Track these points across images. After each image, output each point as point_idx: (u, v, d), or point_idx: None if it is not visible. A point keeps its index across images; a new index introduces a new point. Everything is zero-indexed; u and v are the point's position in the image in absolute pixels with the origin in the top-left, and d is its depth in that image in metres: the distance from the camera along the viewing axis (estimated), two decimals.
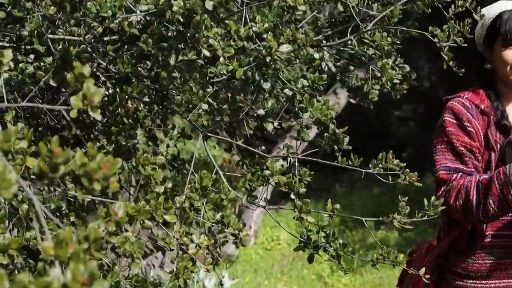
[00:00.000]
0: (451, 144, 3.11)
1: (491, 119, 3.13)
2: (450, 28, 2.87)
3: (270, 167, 2.82)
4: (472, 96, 3.19)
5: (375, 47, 2.87)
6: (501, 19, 3.11)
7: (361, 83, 3.14)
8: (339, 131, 2.77)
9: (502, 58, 3.10)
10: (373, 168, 2.77)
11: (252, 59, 2.90)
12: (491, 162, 3.11)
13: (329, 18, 3.26)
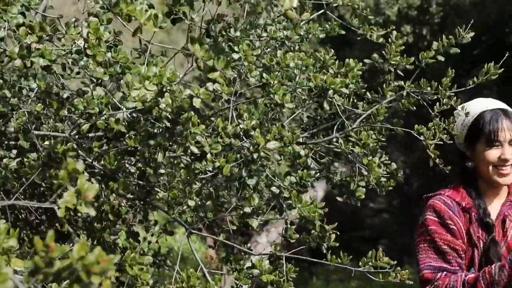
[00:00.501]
0: (434, 242, 3.11)
1: (473, 216, 3.14)
2: (435, 126, 2.90)
3: (258, 266, 2.78)
4: (453, 193, 3.20)
5: (361, 145, 2.89)
6: (484, 119, 3.13)
7: (347, 180, 3.14)
8: (329, 227, 2.75)
9: (485, 158, 3.12)
10: (363, 266, 2.74)
11: (239, 156, 2.90)
12: (475, 259, 3.11)
13: (315, 116, 3.28)
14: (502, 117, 3.10)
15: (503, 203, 3.20)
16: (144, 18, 2.32)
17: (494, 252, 3.08)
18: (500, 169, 3.10)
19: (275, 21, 3.40)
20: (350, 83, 3.08)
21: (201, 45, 2.35)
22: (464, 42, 3.06)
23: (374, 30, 3.38)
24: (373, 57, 3.14)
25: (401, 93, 3.02)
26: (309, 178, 2.92)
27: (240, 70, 3.13)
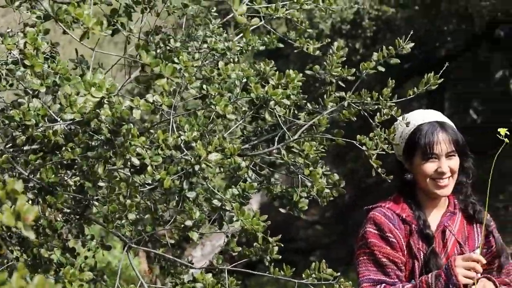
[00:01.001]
0: (374, 255, 3.13)
1: (413, 228, 3.16)
2: (377, 136, 2.91)
3: (200, 279, 2.74)
4: (393, 205, 3.22)
5: (303, 156, 2.88)
6: (420, 132, 3.15)
7: (288, 191, 3.13)
8: (273, 240, 2.73)
9: (422, 171, 3.14)
10: (307, 278, 2.73)
11: (180, 168, 2.86)
12: (415, 271, 3.14)
13: (255, 127, 3.26)
14: (439, 130, 3.13)
15: (443, 214, 3.24)
16: (92, 23, 2.26)
17: (434, 263, 3.11)
18: (438, 182, 3.13)
19: (215, 33, 3.37)
20: (291, 94, 3.07)
21: (148, 52, 2.30)
22: (404, 53, 3.09)
23: (311, 43, 3.38)
24: (314, 68, 3.14)
25: (342, 104, 3.02)
26: (251, 190, 2.89)
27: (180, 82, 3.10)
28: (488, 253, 3.29)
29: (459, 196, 3.27)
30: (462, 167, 3.20)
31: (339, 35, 10.88)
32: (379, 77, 10.38)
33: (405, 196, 3.23)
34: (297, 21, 3.36)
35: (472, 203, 3.27)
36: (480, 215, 3.26)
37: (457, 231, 3.22)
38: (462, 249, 3.20)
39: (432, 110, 3.25)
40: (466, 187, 3.26)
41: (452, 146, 3.13)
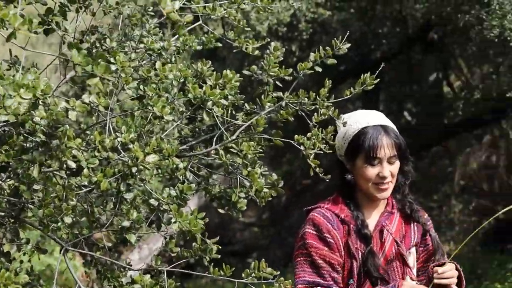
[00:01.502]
0: (310, 256, 3.15)
1: (351, 228, 3.19)
2: (314, 136, 2.93)
3: (139, 281, 2.72)
4: (332, 205, 3.24)
5: (242, 156, 2.87)
6: (364, 135, 3.17)
7: (226, 192, 3.12)
8: (210, 241, 2.72)
9: (364, 175, 3.17)
10: (246, 277, 2.73)
11: (117, 170, 2.83)
12: (354, 271, 3.17)
13: (193, 128, 3.24)
14: (383, 134, 3.15)
15: (381, 214, 3.27)
16: (18, 23, 2.22)
17: (372, 263, 3.15)
18: (379, 185, 3.16)
19: (151, 33, 3.34)
20: (229, 94, 3.07)
21: (79, 51, 2.27)
22: (340, 54, 3.11)
23: (250, 43, 3.38)
24: (252, 68, 3.14)
25: (280, 104, 3.03)
26: (189, 191, 2.88)
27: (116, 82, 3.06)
28: (424, 252, 3.34)
29: (397, 196, 3.30)
30: (401, 169, 3.23)
31: (276, 37, 10.91)
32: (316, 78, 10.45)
33: (344, 196, 3.25)
34: (235, 19, 3.35)
35: (409, 203, 3.31)
36: (417, 214, 3.31)
37: (395, 231, 3.26)
38: (399, 248, 3.24)
39: (375, 112, 3.27)
40: (403, 188, 3.30)
41: (394, 151, 3.16)
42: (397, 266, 3.24)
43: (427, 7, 10.31)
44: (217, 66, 11.44)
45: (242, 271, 2.88)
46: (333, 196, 3.29)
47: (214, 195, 3.23)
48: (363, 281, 3.17)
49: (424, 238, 3.34)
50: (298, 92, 3.02)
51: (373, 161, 3.14)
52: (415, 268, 3.32)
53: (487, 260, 11.32)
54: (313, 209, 3.26)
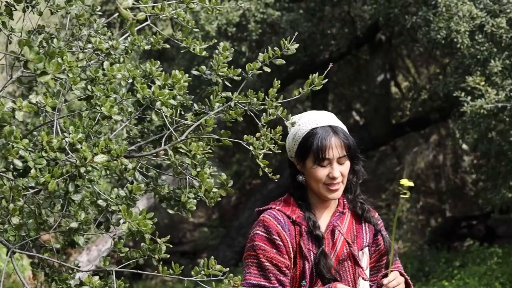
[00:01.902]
0: (258, 258, 3.17)
1: (303, 229, 3.20)
2: (263, 136, 2.94)
3: (87, 282, 2.70)
4: (283, 206, 3.24)
5: (191, 156, 2.87)
6: (313, 136, 3.18)
7: (176, 192, 3.11)
8: (161, 241, 2.71)
9: (315, 176, 3.18)
10: (196, 275, 2.72)
11: (65, 171, 2.80)
12: (306, 271, 3.19)
13: (142, 128, 3.23)
14: (331, 135, 3.17)
15: (333, 214, 3.29)
16: None
17: (324, 264, 3.16)
18: (329, 186, 3.18)
19: (99, 33, 3.32)
20: (178, 95, 3.06)
21: (31, 48, 2.25)
22: (289, 54, 3.12)
23: (197, 43, 3.38)
24: (200, 68, 3.14)
25: (229, 104, 3.03)
26: (138, 191, 2.87)
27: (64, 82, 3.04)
28: (376, 251, 3.37)
29: (348, 196, 3.32)
30: (352, 169, 3.25)
31: (225, 38, 10.92)
32: (266, 78, 10.49)
33: (296, 197, 3.26)
34: (183, 20, 3.34)
35: (360, 203, 3.33)
36: (368, 215, 3.33)
37: (346, 231, 3.28)
38: (351, 249, 3.25)
39: (325, 113, 3.29)
40: (355, 187, 3.32)
41: (343, 151, 3.18)
42: (348, 266, 3.26)
43: (375, 9, 10.42)
44: (166, 67, 11.44)
45: (192, 271, 2.88)
46: (284, 197, 3.30)
47: (163, 195, 3.22)
48: (315, 282, 3.18)
49: (375, 238, 3.36)
50: (247, 92, 3.02)
51: (322, 162, 3.16)
52: (368, 268, 3.35)
53: (435, 258, 11.48)
54: (264, 210, 3.27)
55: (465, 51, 7.92)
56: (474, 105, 6.94)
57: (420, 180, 16.47)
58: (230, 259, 13.93)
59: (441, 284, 9.86)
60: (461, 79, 8.09)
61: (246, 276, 3.17)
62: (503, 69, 7.40)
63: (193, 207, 2.90)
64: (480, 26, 7.88)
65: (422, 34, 8.50)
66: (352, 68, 14.93)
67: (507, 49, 7.65)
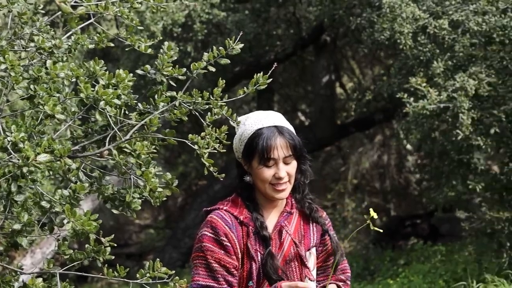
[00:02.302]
0: (206, 259, 3.15)
1: (250, 230, 3.20)
2: (208, 135, 2.93)
3: (31, 285, 2.66)
4: (231, 207, 3.24)
5: (136, 156, 2.85)
6: (258, 137, 3.17)
7: (120, 193, 3.08)
8: (105, 240, 2.69)
9: (261, 176, 3.18)
10: (141, 278, 2.71)
11: (7, 171, 2.76)
12: (253, 272, 3.19)
13: (86, 128, 3.19)
14: (276, 135, 3.17)
15: (281, 214, 3.29)
16: None
17: (271, 265, 3.16)
18: (276, 186, 3.18)
19: (42, 31, 3.28)
20: (122, 94, 3.04)
21: None
22: (233, 54, 3.12)
23: (142, 41, 3.36)
24: (145, 67, 3.12)
25: (174, 104, 3.02)
26: (82, 191, 2.84)
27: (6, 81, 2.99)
28: (324, 252, 3.38)
29: (296, 195, 3.33)
30: (299, 169, 3.26)
31: (171, 38, 10.88)
32: (212, 79, 10.49)
33: (244, 198, 3.26)
34: (127, 18, 3.32)
35: (308, 203, 3.33)
36: (316, 214, 3.34)
37: (294, 231, 3.28)
38: (298, 249, 3.26)
39: (272, 113, 3.29)
40: (303, 187, 3.33)
41: (289, 151, 3.18)
42: (295, 266, 3.26)
43: (320, 10, 10.49)
44: (111, 67, 11.34)
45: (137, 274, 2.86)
46: (232, 197, 3.29)
47: (107, 196, 3.19)
48: (262, 282, 3.18)
49: (323, 238, 3.36)
50: (192, 92, 3.02)
51: (268, 162, 3.16)
52: (315, 269, 3.36)
53: (380, 257, 11.61)
54: (211, 211, 3.26)
55: (408, 52, 8.02)
56: (417, 106, 7.04)
57: (365, 180, 16.63)
58: (176, 260, 13.86)
59: (386, 282, 9.97)
60: (405, 80, 8.19)
61: (194, 277, 3.16)
62: (445, 70, 7.52)
63: (137, 207, 2.89)
64: (423, 28, 7.99)
65: (367, 36, 8.59)
66: (298, 69, 15.00)
67: (449, 50, 7.77)
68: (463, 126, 6.73)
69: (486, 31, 7.48)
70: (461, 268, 9.31)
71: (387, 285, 9.78)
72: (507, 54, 7.40)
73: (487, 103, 7.17)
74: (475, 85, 6.96)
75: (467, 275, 8.72)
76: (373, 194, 16.84)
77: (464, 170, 7.45)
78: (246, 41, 11.08)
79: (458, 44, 7.67)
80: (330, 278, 3.26)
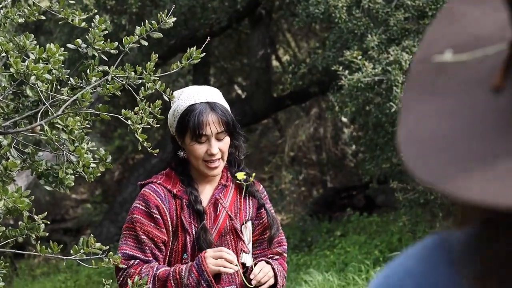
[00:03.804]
0: (135, 231, 3.18)
1: (184, 203, 3.21)
2: (142, 110, 2.92)
3: None
4: (165, 180, 3.25)
5: (68, 132, 2.82)
6: (190, 113, 3.17)
7: (54, 169, 3.05)
8: (38, 217, 2.66)
9: (193, 152, 3.19)
10: (75, 254, 2.69)
11: None
12: (187, 245, 3.20)
13: (17, 104, 3.13)
14: (208, 111, 3.17)
15: (216, 187, 3.30)
16: None
17: (204, 239, 3.18)
18: (208, 163, 3.19)
19: None
20: (53, 69, 3.00)
21: None
22: (166, 27, 3.10)
23: (76, 14, 3.30)
24: (75, 41, 3.07)
25: (106, 78, 2.99)
26: (14, 168, 2.80)
27: None
28: (260, 225, 3.40)
29: (232, 169, 3.34)
30: (233, 144, 3.27)
31: (105, 11, 10.74)
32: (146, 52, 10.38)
33: (178, 172, 3.27)
34: None
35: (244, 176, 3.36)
36: (252, 189, 3.36)
37: (229, 204, 3.30)
38: (233, 222, 3.28)
39: (206, 88, 3.29)
40: (239, 162, 3.34)
41: (222, 127, 3.18)
42: (231, 239, 3.28)
43: None
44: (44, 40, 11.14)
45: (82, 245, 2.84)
46: (166, 171, 3.29)
47: (41, 172, 3.15)
48: (196, 255, 3.19)
49: (259, 211, 3.40)
50: (124, 66, 2.99)
51: (200, 138, 3.16)
52: (251, 242, 3.38)
53: (317, 228, 11.73)
54: (145, 184, 3.26)
55: (342, 25, 8.07)
56: (352, 78, 7.10)
57: (302, 152, 16.75)
58: (114, 234, 13.79)
59: (323, 253, 10.09)
60: (339, 53, 8.25)
61: (122, 246, 3.18)
62: (379, 44, 7.59)
63: (71, 183, 2.86)
64: (357, 1, 8.05)
65: (301, 9, 8.61)
66: (233, 42, 14.96)
67: (383, 24, 7.84)
68: (396, 99, 6.82)
69: (419, 6, 7.57)
70: (396, 239, 9.48)
71: (324, 256, 9.90)
72: None
73: None
74: (409, 59, 7.04)
75: (402, 245, 8.89)
76: (309, 166, 16.99)
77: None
78: (181, 14, 11.00)
79: (392, 18, 7.74)
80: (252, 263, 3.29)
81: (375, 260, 8.72)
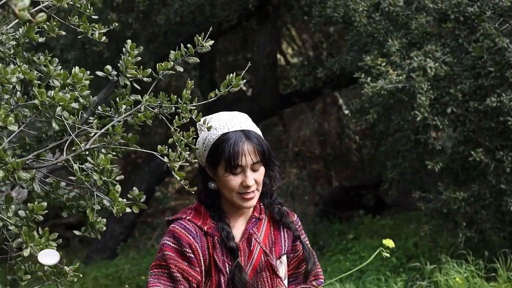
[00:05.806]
0: (169, 269, 2.93)
1: (216, 240, 2.98)
2: (177, 142, 2.66)
3: None
4: (194, 216, 3.00)
5: (99, 172, 2.54)
6: (224, 142, 2.93)
7: (80, 204, 2.78)
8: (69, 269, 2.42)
9: (227, 184, 2.95)
10: None
11: None
12: (221, 285, 2.97)
13: (38, 133, 2.86)
14: (244, 140, 2.93)
15: (249, 220, 3.08)
16: None
17: (239, 279, 2.95)
18: (243, 195, 2.95)
19: None
20: (80, 96, 2.74)
21: None
22: (203, 51, 2.85)
23: (96, 28, 3.05)
24: (105, 69, 2.80)
25: (138, 108, 2.72)
26: (41, 211, 2.55)
27: None
28: (295, 258, 3.19)
29: (265, 200, 3.11)
30: (267, 174, 3.04)
31: (111, 9, 10.47)
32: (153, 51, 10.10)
33: (207, 206, 3.03)
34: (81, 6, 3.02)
35: (278, 208, 3.12)
36: (287, 220, 3.13)
37: (263, 238, 3.07)
38: (268, 258, 3.06)
39: (238, 114, 3.03)
40: (271, 192, 3.11)
41: (257, 157, 2.95)
42: (266, 276, 3.06)
43: None
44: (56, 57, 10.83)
45: None
46: (194, 205, 3.06)
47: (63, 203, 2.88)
48: None
49: (294, 244, 3.17)
50: (159, 95, 2.72)
51: (235, 169, 2.93)
52: (286, 278, 3.17)
53: (328, 231, 11.52)
54: (173, 220, 3.02)
55: (361, 29, 7.77)
56: (375, 86, 6.81)
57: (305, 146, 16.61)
58: (119, 234, 13.70)
59: (337, 258, 9.86)
60: (357, 56, 7.98)
61: (154, 283, 2.92)
62: (400, 48, 7.30)
63: (102, 227, 2.59)
64: (375, 5, 7.76)
65: (318, 10, 8.31)
66: (239, 37, 14.74)
67: (403, 28, 7.56)
68: (421, 107, 6.55)
69: (441, 9, 7.28)
70: (411, 243, 9.26)
71: (339, 261, 9.67)
72: (461, 31, 7.24)
73: (443, 82, 6.99)
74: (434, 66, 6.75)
75: (418, 252, 8.67)
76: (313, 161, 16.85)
77: (420, 150, 7.29)
78: (189, 12, 10.73)
79: (413, 21, 7.46)
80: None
81: (393, 268, 8.47)
